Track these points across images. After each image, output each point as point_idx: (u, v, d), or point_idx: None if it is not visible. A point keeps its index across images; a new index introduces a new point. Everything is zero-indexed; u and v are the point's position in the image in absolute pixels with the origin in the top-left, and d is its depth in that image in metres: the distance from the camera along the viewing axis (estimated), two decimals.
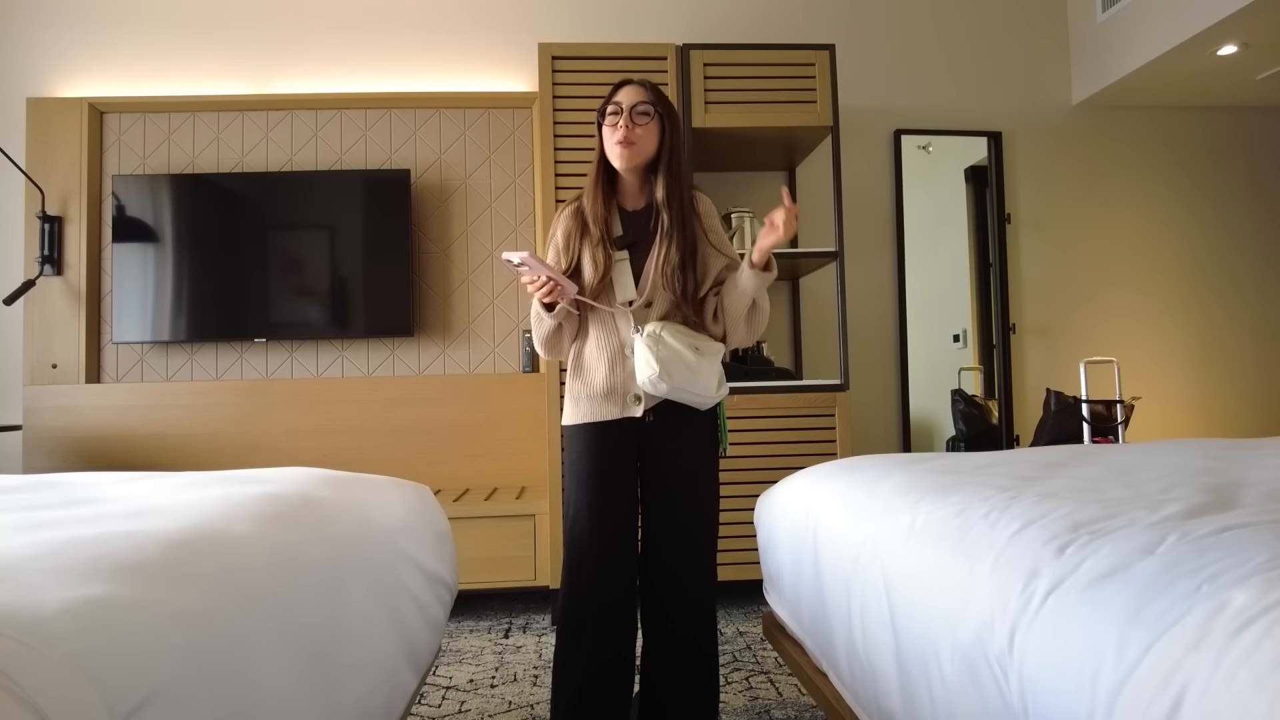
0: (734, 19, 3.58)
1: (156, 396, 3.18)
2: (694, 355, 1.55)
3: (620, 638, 1.62)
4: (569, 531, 1.64)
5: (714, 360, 1.60)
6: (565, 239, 1.67)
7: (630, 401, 1.61)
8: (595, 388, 1.63)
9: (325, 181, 3.28)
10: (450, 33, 3.50)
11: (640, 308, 1.61)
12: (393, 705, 1.33)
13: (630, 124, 1.60)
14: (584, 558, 1.61)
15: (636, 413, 1.61)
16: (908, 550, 1.19)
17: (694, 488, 1.65)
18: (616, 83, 1.66)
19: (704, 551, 1.66)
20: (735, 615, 2.83)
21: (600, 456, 1.62)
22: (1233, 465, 1.44)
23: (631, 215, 1.68)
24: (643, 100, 1.62)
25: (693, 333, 1.60)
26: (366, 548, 1.31)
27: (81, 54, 3.39)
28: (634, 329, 1.59)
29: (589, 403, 1.64)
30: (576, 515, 1.62)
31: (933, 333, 3.68)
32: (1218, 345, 3.82)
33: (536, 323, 1.65)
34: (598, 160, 1.68)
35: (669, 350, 1.53)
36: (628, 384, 1.60)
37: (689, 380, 1.55)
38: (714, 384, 1.59)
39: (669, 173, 1.63)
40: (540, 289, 1.52)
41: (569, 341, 1.69)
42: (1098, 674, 0.74)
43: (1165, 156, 3.84)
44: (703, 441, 1.67)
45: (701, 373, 1.56)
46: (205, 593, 0.85)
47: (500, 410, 3.23)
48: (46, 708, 0.58)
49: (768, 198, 3.56)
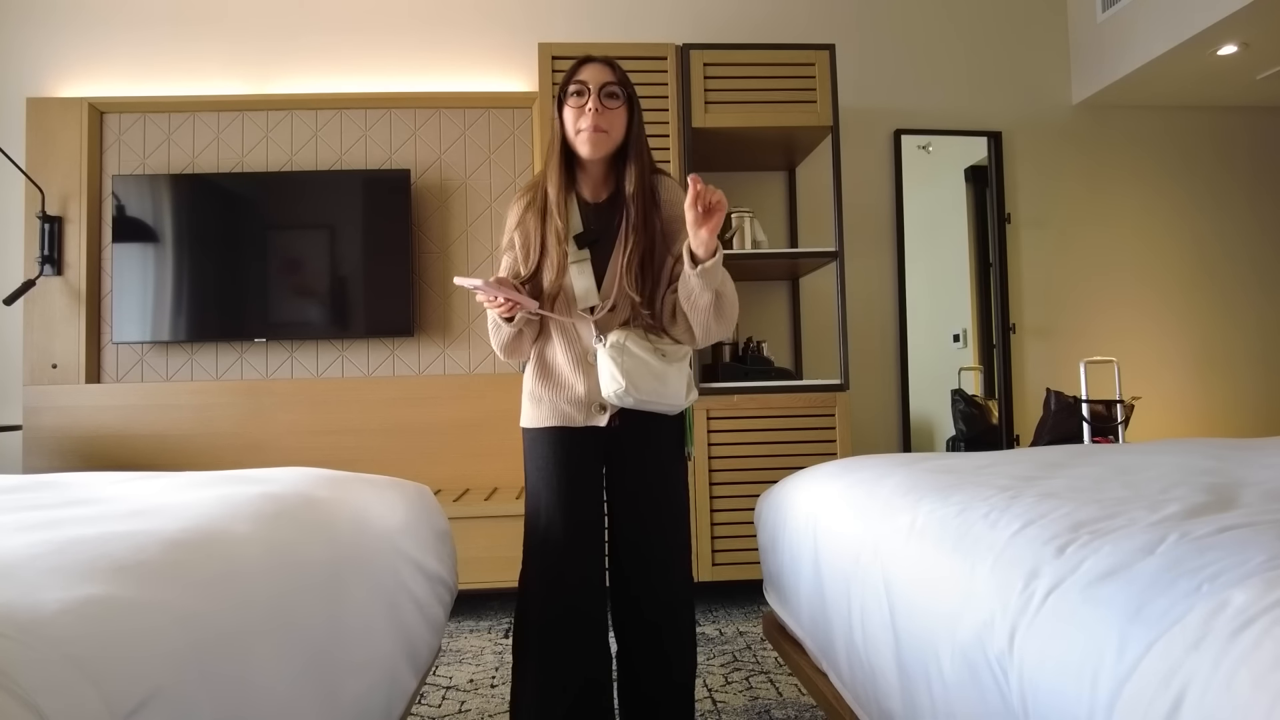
0: (734, 19, 3.58)
1: (156, 396, 3.18)
2: (660, 363, 1.45)
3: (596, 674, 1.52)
4: (535, 538, 1.53)
5: (681, 365, 1.50)
6: (524, 238, 1.53)
7: (595, 411, 1.51)
8: (560, 394, 1.53)
9: (325, 181, 3.28)
10: (450, 33, 3.50)
11: (603, 313, 1.49)
12: (393, 705, 1.33)
13: (600, 107, 1.44)
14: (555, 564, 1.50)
15: (601, 422, 1.51)
16: (908, 550, 1.19)
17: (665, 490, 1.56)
18: (578, 59, 1.51)
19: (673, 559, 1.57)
20: (735, 615, 2.83)
21: (568, 462, 1.52)
22: (1233, 465, 1.44)
23: (593, 208, 1.54)
24: (610, 81, 1.46)
25: (657, 338, 1.50)
26: (366, 548, 1.31)
27: (81, 54, 3.39)
28: (596, 338, 1.48)
29: (552, 407, 1.53)
30: (550, 523, 1.51)
31: (933, 333, 3.68)
32: (1218, 345, 3.82)
33: (495, 330, 1.51)
34: (558, 145, 1.51)
35: (635, 361, 1.43)
36: (592, 393, 1.49)
37: (656, 391, 1.45)
38: (683, 390, 1.50)
39: (639, 162, 1.50)
40: (498, 307, 1.40)
41: (530, 344, 1.57)
42: (1098, 674, 0.74)
43: (1165, 156, 3.84)
44: (670, 444, 1.57)
45: (669, 380, 1.46)
46: (205, 593, 0.85)
47: (500, 410, 3.22)
48: (46, 708, 0.58)
49: (768, 198, 3.56)
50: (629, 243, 1.47)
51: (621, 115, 1.49)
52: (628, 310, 1.50)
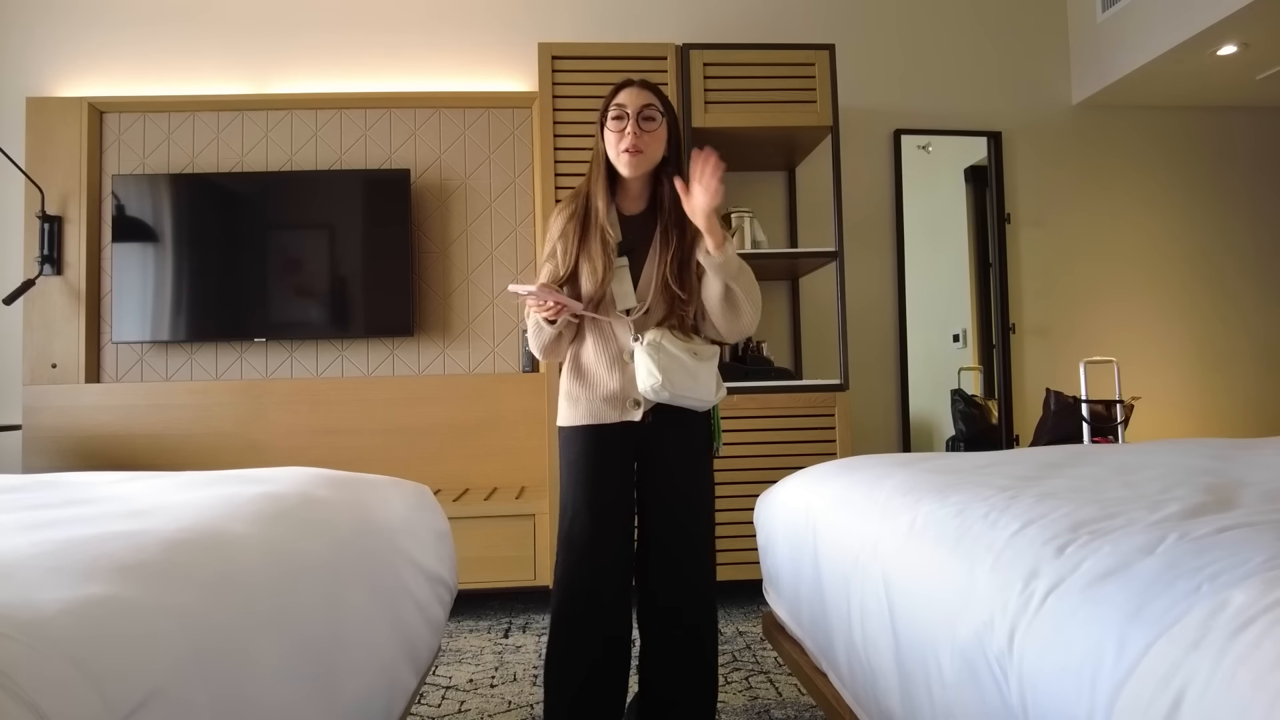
0: (734, 19, 3.58)
1: (156, 396, 3.18)
2: (693, 360, 1.57)
3: (618, 633, 1.64)
4: (565, 531, 1.64)
5: (711, 364, 1.63)
6: (565, 243, 1.66)
7: (630, 406, 1.62)
8: (595, 392, 1.63)
9: (325, 181, 3.28)
10: (450, 33, 3.50)
11: (639, 315, 1.61)
12: (392, 705, 1.33)
13: (638, 130, 1.58)
14: (583, 555, 1.61)
15: (636, 417, 1.62)
16: (907, 550, 1.19)
17: (692, 485, 1.67)
18: (618, 83, 1.64)
19: (705, 546, 1.68)
20: (735, 615, 2.83)
21: (599, 458, 1.63)
22: (1232, 465, 1.44)
23: (630, 220, 1.68)
24: (648, 104, 1.60)
25: (690, 337, 1.62)
26: (366, 548, 1.31)
27: (81, 54, 3.39)
28: (634, 336, 1.60)
29: (588, 405, 1.64)
30: (575, 514, 1.62)
31: (933, 333, 3.68)
32: (1218, 345, 3.82)
33: (536, 332, 1.63)
34: (601, 163, 1.65)
35: (670, 358, 1.55)
36: (628, 389, 1.61)
37: (690, 386, 1.57)
38: (713, 388, 1.62)
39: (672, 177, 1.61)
40: (548, 310, 1.54)
41: (567, 346, 1.69)
42: (1097, 673, 0.74)
43: (1165, 156, 3.84)
44: (698, 441, 1.69)
45: (701, 377, 1.58)
46: (205, 593, 0.85)
47: (500, 410, 3.23)
48: (46, 708, 0.58)
49: (768, 198, 3.56)
50: (665, 250, 1.61)
51: (660, 135, 1.62)
52: (661, 312, 1.62)
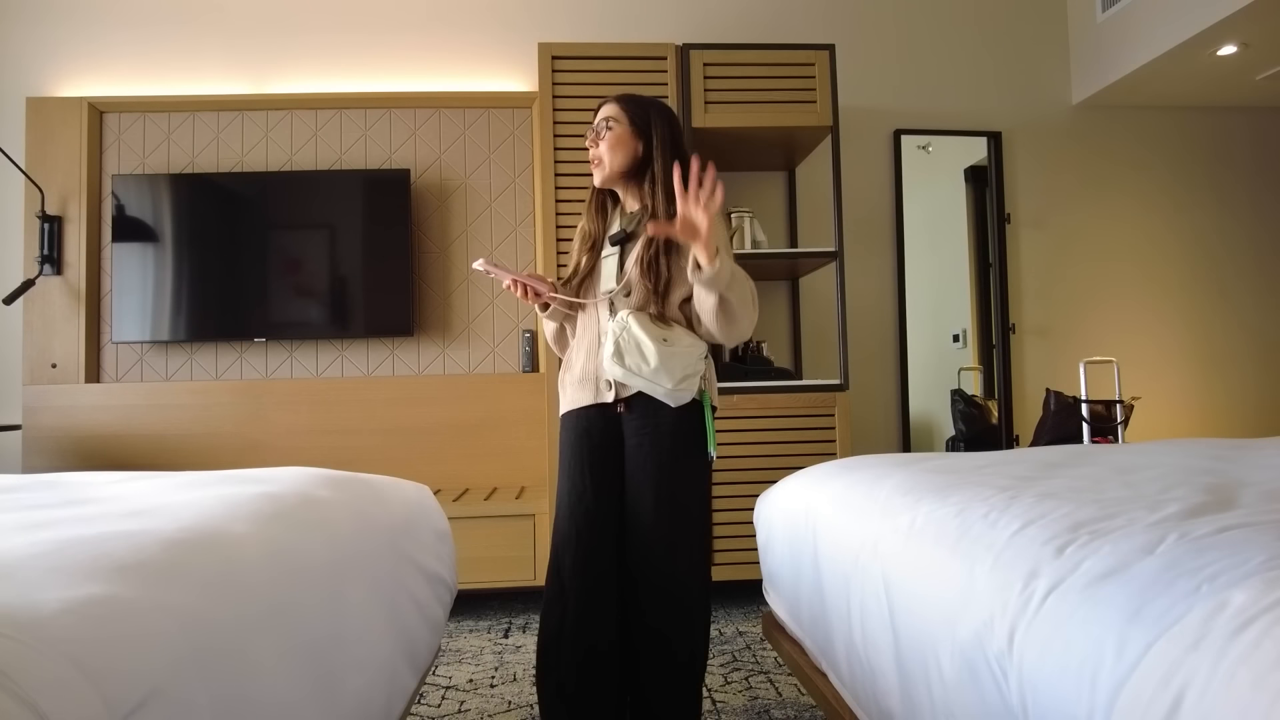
0: (734, 19, 3.58)
1: (156, 396, 3.18)
2: (656, 345, 1.52)
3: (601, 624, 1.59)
4: (554, 518, 1.69)
5: (684, 356, 1.56)
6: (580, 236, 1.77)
7: (603, 387, 1.63)
8: (574, 375, 1.69)
9: (325, 181, 3.28)
10: (450, 33, 3.50)
11: (620, 297, 1.63)
12: (392, 705, 1.33)
13: (594, 140, 1.66)
14: (563, 542, 1.63)
15: (608, 398, 1.62)
16: (907, 550, 1.19)
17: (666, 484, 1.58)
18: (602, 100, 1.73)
19: (674, 549, 1.58)
20: (735, 615, 2.83)
21: (577, 444, 1.65)
22: (1232, 465, 1.44)
23: (630, 215, 1.73)
24: (607, 116, 1.66)
25: (670, 326, 1.59)
26: (366, 548, 1.31)
27: (81, 54, 3.39)
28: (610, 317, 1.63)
29: (570, 389, 1.69)
30: (558, 501, 1.67)
31: (933, 333, 3.68)
32: (1217, 345, 3.82)
33: (545, 325, 1.78)
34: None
35: (630, 336, 1.55)
36: (600, 370, 1.63)
37: (640, 367, 1.52)
38: (673, 378, 1.54)
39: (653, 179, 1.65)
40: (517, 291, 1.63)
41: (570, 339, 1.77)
42: (1097, 674, 0.74)
43: (1165, 156, 3.84)
44: (679, 439, 1.60)
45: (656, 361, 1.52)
46: (205, 593, 0.85)
47: (500, 410, 3.23)
48: (46, 707, 0.58)
49: (768, 198, 3.56)
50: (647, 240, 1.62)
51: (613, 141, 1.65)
52: (639, 298, 1.62)
